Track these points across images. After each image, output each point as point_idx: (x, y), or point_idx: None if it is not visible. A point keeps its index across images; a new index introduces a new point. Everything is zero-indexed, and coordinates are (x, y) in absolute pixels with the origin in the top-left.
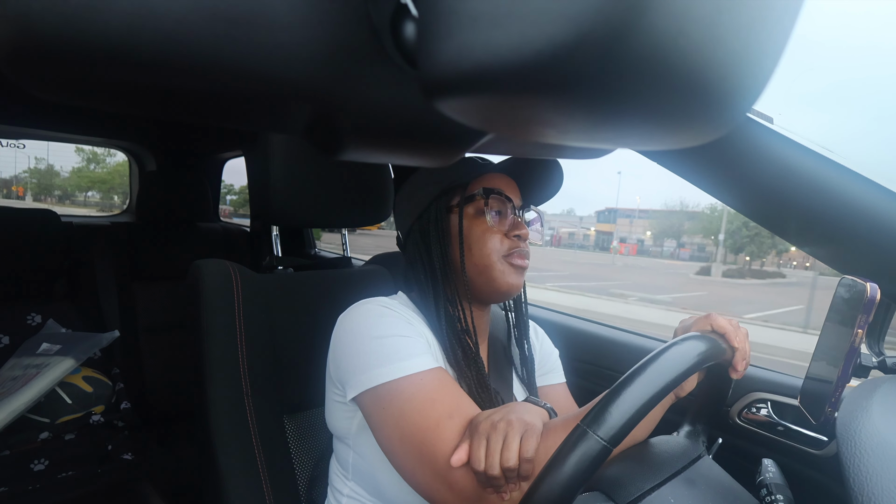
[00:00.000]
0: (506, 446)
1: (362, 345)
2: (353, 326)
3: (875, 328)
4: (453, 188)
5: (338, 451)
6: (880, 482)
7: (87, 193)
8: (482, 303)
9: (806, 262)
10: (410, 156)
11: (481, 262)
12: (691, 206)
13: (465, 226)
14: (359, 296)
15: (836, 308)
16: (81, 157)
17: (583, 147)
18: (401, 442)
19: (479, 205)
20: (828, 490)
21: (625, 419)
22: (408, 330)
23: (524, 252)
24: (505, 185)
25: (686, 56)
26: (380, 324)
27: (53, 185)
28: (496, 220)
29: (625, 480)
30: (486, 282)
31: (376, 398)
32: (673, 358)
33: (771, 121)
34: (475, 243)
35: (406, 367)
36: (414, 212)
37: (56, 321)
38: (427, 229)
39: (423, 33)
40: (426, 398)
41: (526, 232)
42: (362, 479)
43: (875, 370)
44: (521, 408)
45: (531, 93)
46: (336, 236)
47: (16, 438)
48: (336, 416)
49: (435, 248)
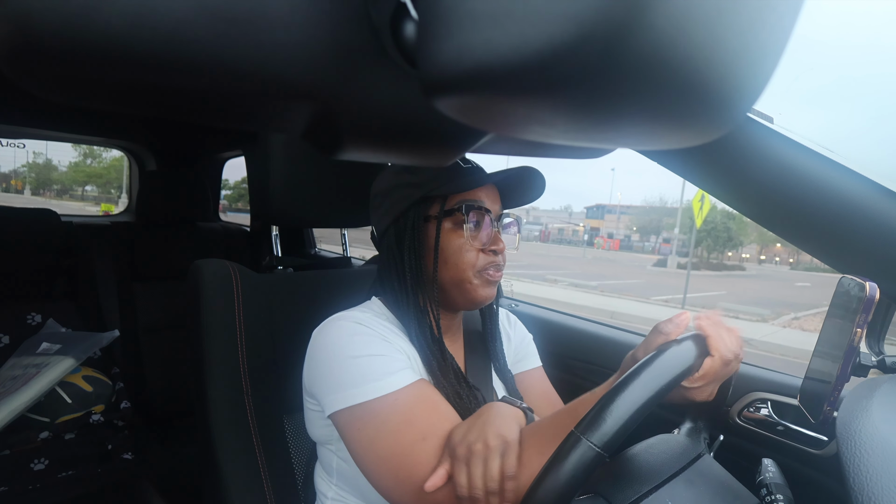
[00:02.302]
0: (487, 471)
1: (335, 364)
2: (326, 344)
3: (875, 327)
4: (433, 197)
5: (322, 455)
6: (880, 482)
7: (84, 188)
8: (454, 310)
9: (790, 259)
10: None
11: (456, 275)
12: (670, 202)
13: (442, 238)
14: (358, 296)
15: (835, 307)
16: (78, 152)
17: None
18: (376, 464)
19: (458, 218)
20: (828, 490)
21: (618, 426)
22: (382, 347)
23: (499, 266)
24: (486, 194)
25: (686, 56)
26: (353, 343)
27: (51, 179)
28: (474, 233)
29: (623, 482)
30: (460, 293)
31: (350, 418)
32: (667, 362)
33: (771, 121)
34: (450, 256)
35: (379, 387)
36: (390, 213)
37: (56, 321)
38: (402, 236)
39: (422, 33)
40: (401, 420)
41: (502, 246)
42: (347, 483)
43: (874, 369)
44: (497, 418)
45: (531, 92)
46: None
47: (16, 438)
48: (315, 425)
49: (409, 256)
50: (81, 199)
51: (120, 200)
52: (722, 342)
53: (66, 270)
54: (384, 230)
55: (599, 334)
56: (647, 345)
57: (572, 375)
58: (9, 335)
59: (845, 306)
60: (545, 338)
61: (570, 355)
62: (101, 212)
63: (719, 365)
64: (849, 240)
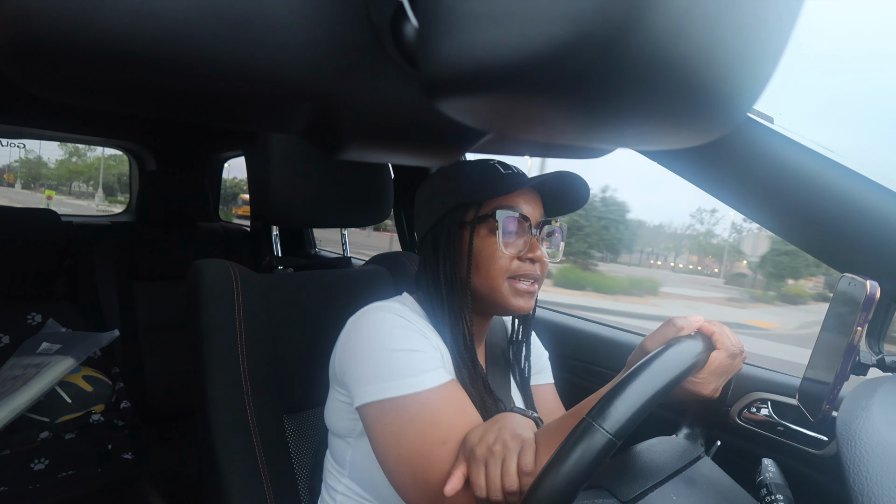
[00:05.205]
0: (505, 470)
1: (373, 355)
2: (365, 334)
3: (875, 327)
4: (469, 203)
5: (334, 447)
6: (880, 482)
7: (73, 183)
8: (486, 316)
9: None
10: (410, 156)
11: (487, 283)
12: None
13: (476, 244)
14: (358, 296)
15: (835, 306)
16: (64, 150)
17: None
18: (396, 461)
19: (492, 224)
20: (828, 490)
21: (631, 413)
22: (421, 344)
23: (534, 276)
24: (524, 200)
25: (686, 56)
26: (393, 335)
27: (41, 174)
28: (511, 239)
29: (628, 477)
30: (493, 301)
31: (380, 412)
32: (677, 354)
33: (771, 121)
34: (483, 263)
35: (414, 383)
36: (429, 219)
37: (56, 321)
38: (438, 242)
39: (423, 33)
40: (428, 420)
41: (540, 254)
42: (360, 477)
43: (874, 368)
44: (511, 422)
45: (531, 92)
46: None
47: (16, 438)
48: (339, 416)
49: (444, 262)
50: (69, 194)
51: (97, 195)
52: (726, 338)
53: (66, 270)
54: (423, 236)
55: (603, 335)
56: (659, 335)
57: (575, 376)
58: (9, 335)
59: (845, 305)
60: (549, 339)
61: (574, 356)
62: (46, 195)
63: (725, 358)
64: (849, 240)
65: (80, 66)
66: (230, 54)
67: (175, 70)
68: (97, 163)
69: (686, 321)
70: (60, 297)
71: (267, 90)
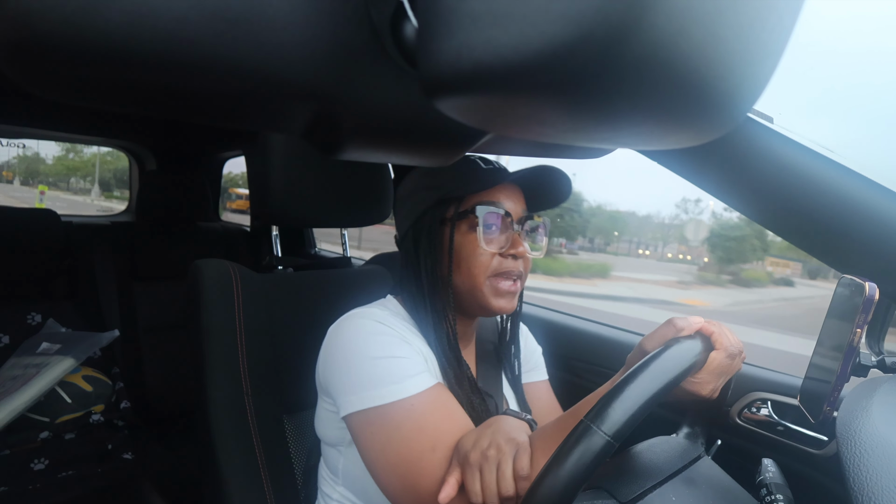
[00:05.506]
0: (501, 475)
1: (354, 364)
2: (345, 342)
3: (875, 327)
4: (449, 199)
5: (327, 455)
6: (880, 482)
7: (70, 179)
8: (470, 316)
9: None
10: (410, 156)
11: (469, 281)
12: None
13: (457, 241)
14: (359, 296)
15: (835, 307)
16: (62, 146)
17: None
18: (385, 470)
19: (472, 221)
20: (828, 490)
21: (629, 415)
22: (403, 349)
23: (516, 273)
24: (506, 195)
25: (686, 56)
26: (374, 343)
27: (39, 171)
28: (492, 235)
29: (627, 478)
30: (474, 300)
31: (365, 421)
32: (675, 355)
33: (771, 121)
34: (464, 261)
35: (396, 390)
36: (410, 216)
37: (56, 321)
38: (419, 240)
39: (423, 33)
40: (413, 426)
41: (523, 250)
42: (353, 486)
43: (874, 369)
44: (505, 425)
45: (531, 92)
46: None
47: (16, 438)
48: (328, 425)
49: (425, 260)
50: (66, 190)
51: (93, 190)
52: (725, 338)
53: (66, 270)
54: (404, 233)
55: (600, 335)
56: (658, 336)
57: (573, 375)
58: (9, 335)
59: (845, 306)
60: (546, 338)
61: (572, 355)
62: (39, 190)
63: (724, 359)
64: (849, 240)
65: (80, 66)
66: (230, 54)
67: (175, 70)
68: (93, 159)
69: (685, 322)
70: (60, 297)
71: (267, 90)
